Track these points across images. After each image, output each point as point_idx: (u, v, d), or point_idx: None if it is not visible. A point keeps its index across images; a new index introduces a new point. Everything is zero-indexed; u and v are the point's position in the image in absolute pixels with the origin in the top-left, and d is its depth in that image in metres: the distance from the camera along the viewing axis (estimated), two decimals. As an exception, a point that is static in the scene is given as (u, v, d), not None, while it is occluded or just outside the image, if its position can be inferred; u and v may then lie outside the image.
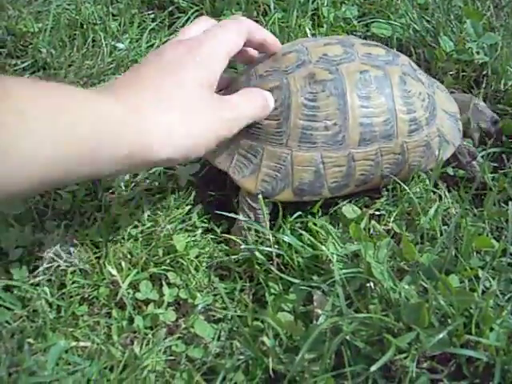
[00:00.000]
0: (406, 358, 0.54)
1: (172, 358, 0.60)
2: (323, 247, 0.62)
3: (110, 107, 0.52)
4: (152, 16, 0.97)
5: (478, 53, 0.84)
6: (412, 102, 0.68)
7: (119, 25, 0.93)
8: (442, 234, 0.65)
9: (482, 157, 0.76)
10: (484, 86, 0.84)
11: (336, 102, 0.65)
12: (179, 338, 0.61)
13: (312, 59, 0.67)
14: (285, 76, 0.67)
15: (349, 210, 0.68)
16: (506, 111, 0.81)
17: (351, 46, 0.69)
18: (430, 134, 0.70)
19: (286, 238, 0.64)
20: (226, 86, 0.71)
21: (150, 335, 0.61)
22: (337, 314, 0.57)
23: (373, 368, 0.50)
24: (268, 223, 0.67)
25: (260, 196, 0.65)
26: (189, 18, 0.93)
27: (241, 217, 0.68)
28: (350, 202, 0.71)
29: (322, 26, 0.92)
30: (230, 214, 0.68)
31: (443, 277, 0.56)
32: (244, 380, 0.57)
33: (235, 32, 0.63)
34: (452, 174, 0.75)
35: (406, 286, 0.57)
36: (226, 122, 0.60)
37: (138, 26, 0.93)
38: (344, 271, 0.59)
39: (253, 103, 0.64)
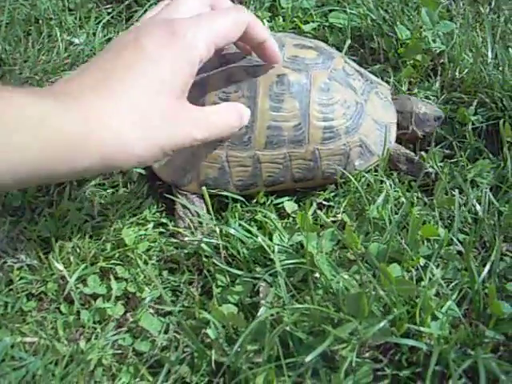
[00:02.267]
0: (346, 347, 0.54)
1: (120, 351, 0.60)
2: (266, 239, 0.62)
3: (63, 125, 0.48)
4: (109, 10, 0.96)
5: (434, 41, 0.84)
6: (332, 109, 0.67)
7: (75, 19, 0.92)
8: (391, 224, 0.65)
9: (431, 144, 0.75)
10: (440, 74, 0.84)
11: (246, 103, 0.65)
12: (127, 331, 0.62)
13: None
14: (207, 73, 0.67)
15: (289, 204, 0.69)
16: (462, 99, 0.81)
17: (281, 46, 0.68)
18: (349, 143, 0.69)
19: (231, 231, 0.64)
20: None
21: (98, 329, 0.61)
22: (282, 306, 0.58)
23: (308, 358, 0.51)
24: (206, 208, 0.67)
25: (204, 187, 0.65)
26: (146, 10, 0.92)
27: (177, 204, 0.70)
28: (295, 194, 0.71)
29: (280, 18, 0.92)
30: (172, 197, 0.69)
31: (382, 266, 0.56)
32: (189, 372, 0.57)
33: (231, 22, 0.58)
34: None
35: (346, 276, 0.57)
36: (191, 140, 0.56)
37: (95, 21, 0.92)
38: (286, 262, 0.60)
39: (226, 122, 0.61)
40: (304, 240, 0.60)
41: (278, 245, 0.61)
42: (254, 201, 0.71)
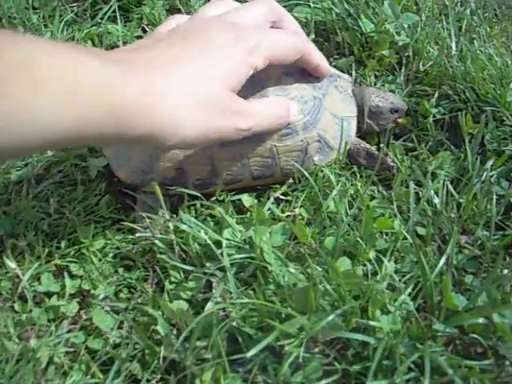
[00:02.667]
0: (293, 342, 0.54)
1: (72, 349, 0.60)
2: (216, 234, 0.61)
3: (124, 93, 0.49)
4: (74, 8, 0.96)
5: (398, 34, 0.83)
6: None
7: (40, 17, 0.92)
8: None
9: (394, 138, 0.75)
10: (405, 66, 0.83)
11: None
12: (81, 329, 0.61)
13: None
14: None
15: (247, 199, 0.69)
16: (426, 91, 0.80)
17: None
18: (306, 138, 0.68)
19: (183, 227, 0.63)
20: None
21: (52, 327, 0.61)
22: (230, 301, 0.57)
23: (249, 353, 0.50)
24: (164, 207, 0.66)
25: (155, 184, 0.64)
26: (111, 6, 0.92)
27: (137, 202, 0.69)
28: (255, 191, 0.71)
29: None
30: (133, 193, 0.69)
31: (329, 260, 0.55)
32: (139, 369, 0.57)
33: (291, 46, 0.62)
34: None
35: (293, 270, 0.57)
36: (236, 131, 0.58)
37: (60, 19, 0.92)
38: (236, 257, 0.59)
39: (272, 116, 0.63)
40: (253, 235, 0.60)
41: (228, 239, 0.61)
42: (214, 198, 0.70)
